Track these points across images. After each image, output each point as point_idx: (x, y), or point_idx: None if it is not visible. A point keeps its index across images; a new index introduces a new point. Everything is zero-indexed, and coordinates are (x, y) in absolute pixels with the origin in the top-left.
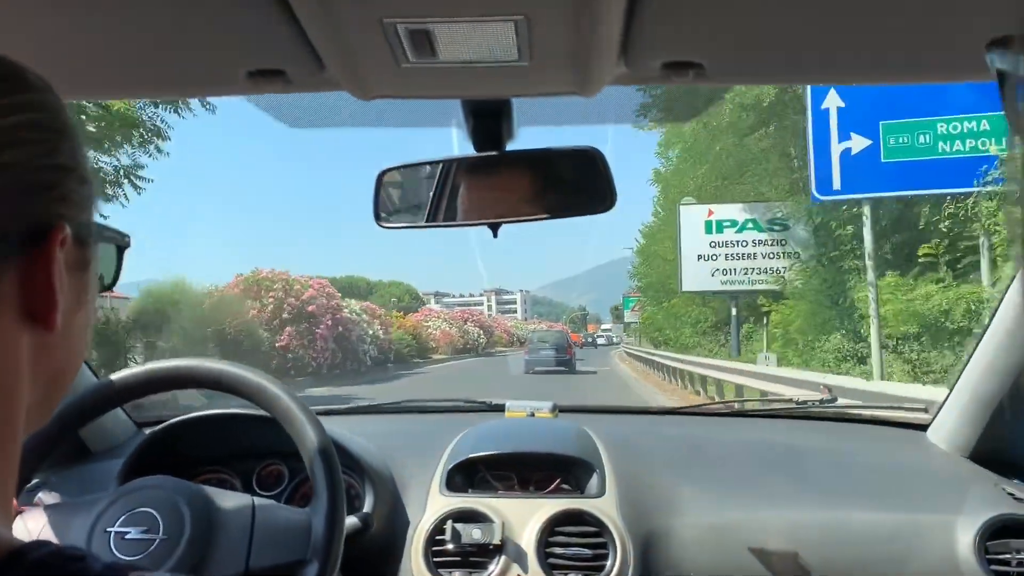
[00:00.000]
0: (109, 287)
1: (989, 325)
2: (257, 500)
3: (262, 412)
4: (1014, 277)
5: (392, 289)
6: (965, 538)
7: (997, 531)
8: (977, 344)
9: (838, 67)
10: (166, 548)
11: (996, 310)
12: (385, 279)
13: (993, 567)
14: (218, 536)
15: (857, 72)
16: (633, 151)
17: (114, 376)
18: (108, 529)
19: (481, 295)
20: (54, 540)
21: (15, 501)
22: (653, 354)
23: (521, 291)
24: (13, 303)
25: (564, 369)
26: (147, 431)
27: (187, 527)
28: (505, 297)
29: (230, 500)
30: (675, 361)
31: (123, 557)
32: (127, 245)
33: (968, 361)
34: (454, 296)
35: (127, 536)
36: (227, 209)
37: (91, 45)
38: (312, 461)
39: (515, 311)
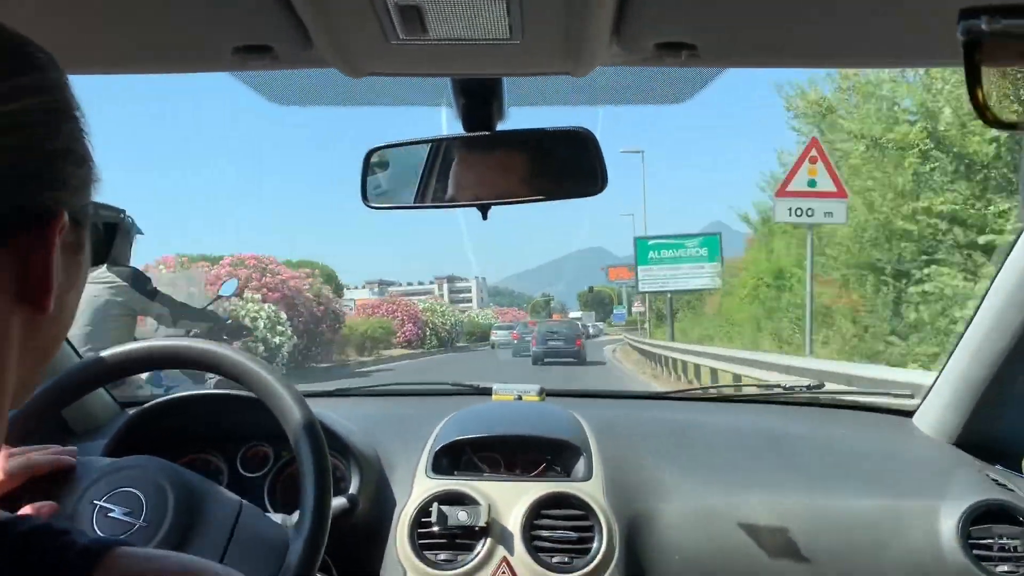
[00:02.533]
0: (102, 261)
1: (977, 312)
2: (246, 504)
3: (247, 393)
4: (1001, 264)
5: (295, 269)
6: (949, 523)
7: (980, 516)
8: (964, 331)
9: (833, 51)
10: (144, 536)
11: (984, 297)
12: (294, 259)
13: (976, 551)
14: (198, 531)
15: (852, 56)
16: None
17: (104, 353)
18: (95, 501)
19: (431, 283)
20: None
21: None
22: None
23: (476, 278)
24: (7, 286)
25: (574, 360)
26: (130, 411)
27: (169, 515)
28: (459, 285)
29: (218, 496)
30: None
31: (102, 534)
32: (122, 221)
33: (955, 348)
34: (400, 284)
35: (110, 514)
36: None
37: (74, 21)
38: (298, 439)
39: (470, 300)
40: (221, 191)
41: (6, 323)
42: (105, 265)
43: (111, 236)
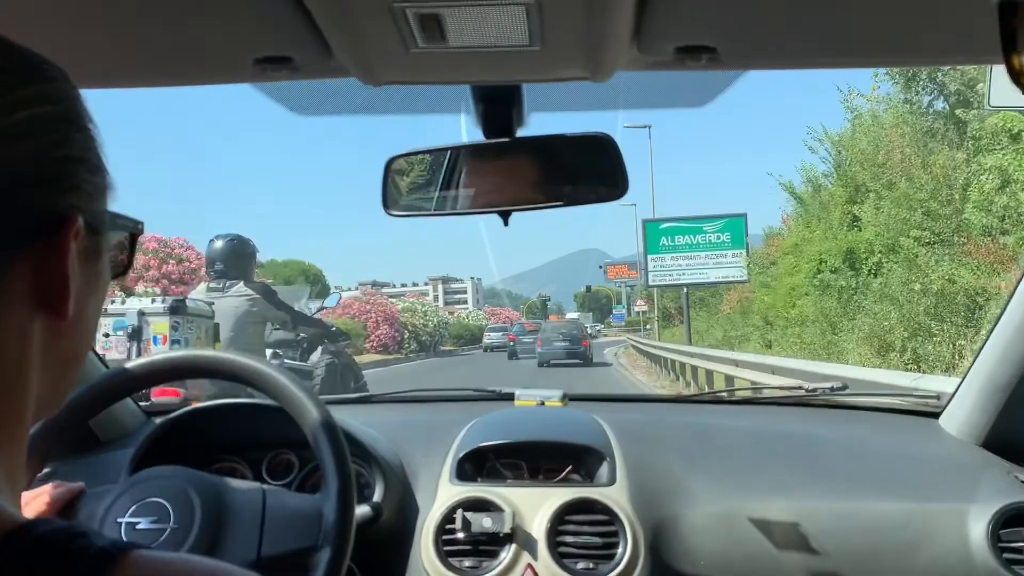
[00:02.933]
0: (122, 274)
1: (1003, 313)
2: (267, 487)
3: (271, 402)
4: None
5: (284, 270)
6: (977, 526)
7: (1010, 519)
8: (991, 331)
9: (855, 51)
10: (177, 537)
11: (1011, 297)
12: (280, 258)
13: (1005, 555)
14: (229, 524)
15: (876, 55)
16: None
17: (128, 364)
18: (119, 519)
19: (426, 284)
20: None
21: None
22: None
23: (472, 279)
24: (26, 292)
25: (579, 362)
26: (157, 420)
27: (197, 516)
28: (454, 286)
29: (240, 488)
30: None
31: None
32: (140, 232)
33: (982, 348)
34: (394, 285)
35: (138, 527)
36: None
37: (96, 34)
38: (317, 438)
39: (466, 301)
40: (206, 184)
41: (27, 329)
42: (242, 282)
43: (133, 246)
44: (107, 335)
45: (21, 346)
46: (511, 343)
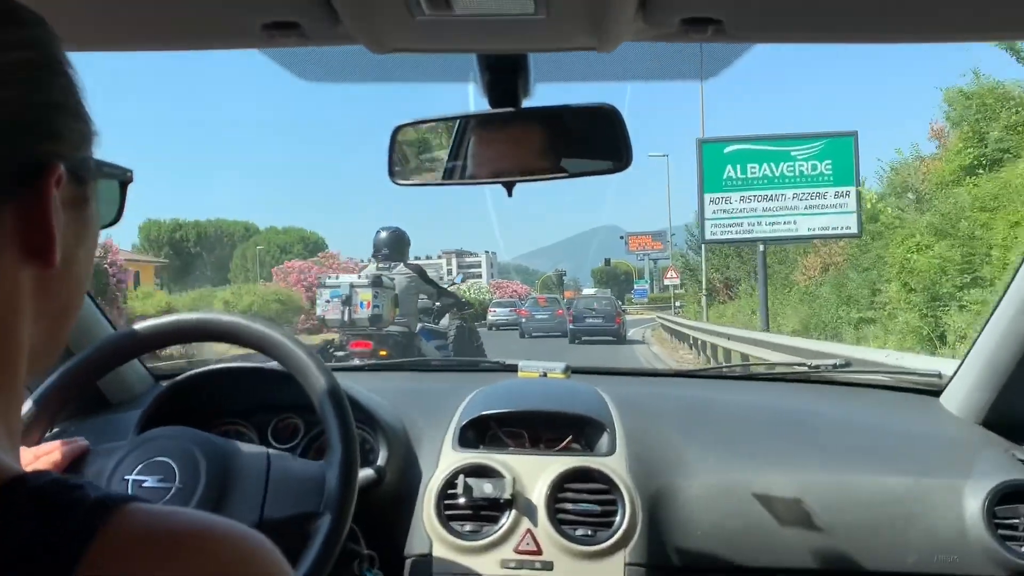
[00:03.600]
0: (113, 222)
1: (1007, 291)
2: (272, 451)
3: (277, 366)
4: None
5: (282, 236)
6: (974, 502)
7: (1006, 496)
8: (993, 310)
9: (865, 25)
10: (181, 497)
11: (1014, 276)
12: (280, 225)
13: (1001, 531)
14: (233, 486)
15: (886, 30)
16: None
17: (136, 327)
18: (126, 477)
19: (439, 257)
20: None
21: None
22: None
23: (487, 252)
24: (13, 241)
25: (612, 339)
26: (164, 383)
27: (203, 476)
28: (468, 260)
29: (245, 450)
30: None
31: None
32: (130, 180)
33: (984, 327)
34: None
35: (144, 484)
36: None
37: None
38: (322, 403)
39: (480, 275)
40: (211, 155)
41: (15, 279)
42: (402, 263)
43: (124, 194)
44: (328, 301)
45: (10, 296)
46: (522, 320)
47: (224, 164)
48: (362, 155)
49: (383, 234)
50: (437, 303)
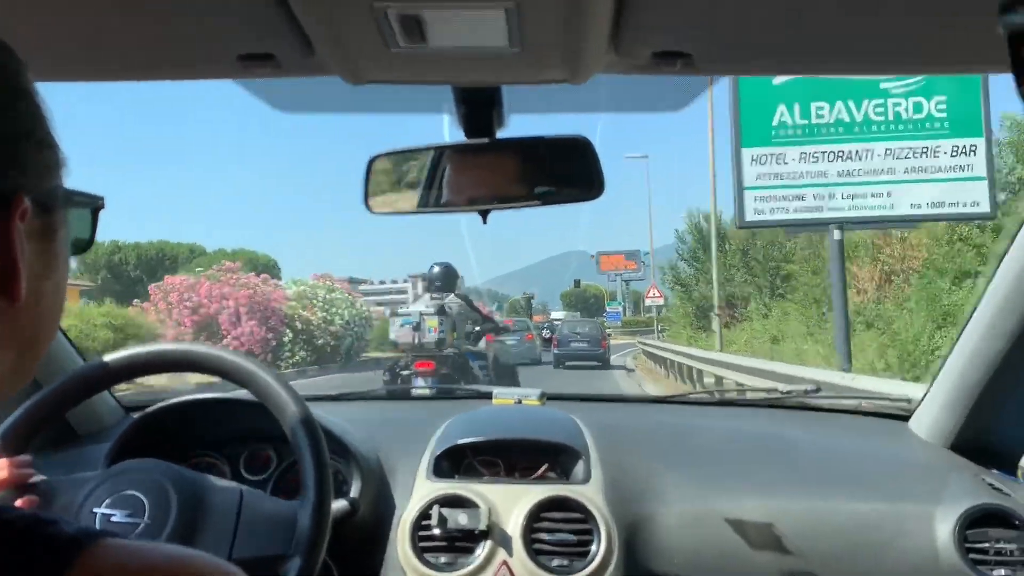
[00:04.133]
0: (84, 249)
1: (971, 316)
2: (245, 489)
3: (249, 396)
4: (996, 268)
5: (229, 259)
6: (945, 527)
7: (976, 520)
8: (960, 335)
9: (829, 58)
10: (150, 532)
11: (978, 301)
12: (230, 247)
13: (971, 555)
14: (203, 523)
15: (849, 63)
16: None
17: (106, 358)
18: (95, 510)
19: (405, 281)
20: None
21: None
22: None
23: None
24: None
25: (598, 364)
26: (135, 415)
27: (173, 512)
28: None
29: (218, 486)
30: None
31: None
32: (101, 207)
33: (950, 351)
34: (372, 282)
35: (113, 519)
36: None
37: (82, 27)
38: (296, 436)
39: None
40: (163, 176)
41: None
42: (452, 294)
43: (95, 220)
44: (401, 326)
45: None
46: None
47: (177, 185)
48: (328, 179)
49: (436, 269)
50: (477, 328)
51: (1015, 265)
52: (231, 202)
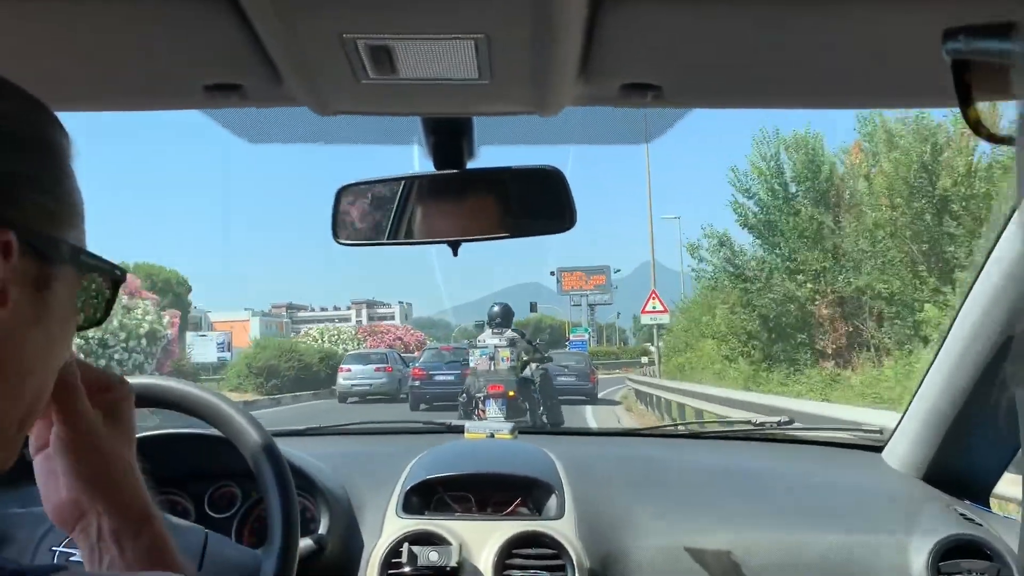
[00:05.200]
0: (97, 323)
1: (942, 346)
2: (210, 533)
3: (213, 432)
4: (964, 299)
5: (132, 271)
6: (918, 558)
7: (949, 551)
8: (930, 366)
9: (797, 92)
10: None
11: (948, 331)
12: (148, 261)
13: None
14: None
15: (818, 97)
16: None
17: None
18: (53, 548)
19: (348, 308)
20: None
21: None
22: None
23: (401, 303)
24: None
25: (585, 399)
26: None
27: None
28: (380, 311)
29: (181, 528)
30: None
31: None
32: (121, 279)
33: (921, 382)
34: (312, 309)
35: (72, 558)
36: None
37: (45, 56)
38: (260, 470)
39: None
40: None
41: None
42: (509, 329)
43: (114, 294)
44: (479, 356)
45: None
46: (414, 383)
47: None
48: (265, 200)
49: (496, 308)
50: (526, 357)
51: (983, 296)
52: (141, 213)
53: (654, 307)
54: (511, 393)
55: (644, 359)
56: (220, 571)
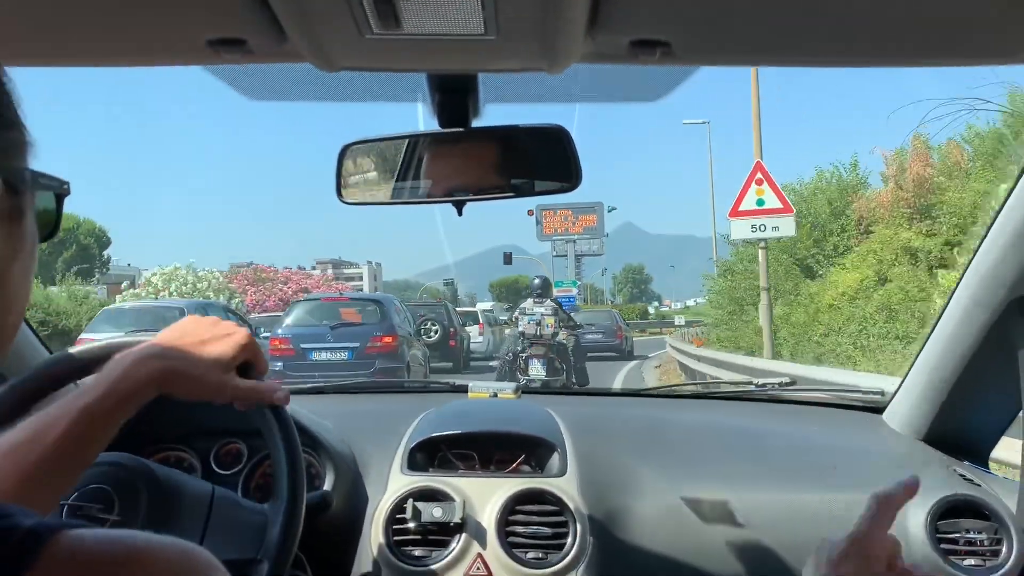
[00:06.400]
0: (49, 236)
1: (944, 309)
2: (217, 489)
3: None
4: (969, 262)
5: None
6: (916, 517)
7: (947, 511)
8: (933, 328)
9: (811, 49)
10: (119, 528)
11: (952, 295)
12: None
13: (943, 545)
14: (172, 521)
15: (831, 54)
16: None
17: (71, 350)
18: (62, 501)
19: (313, 268)
20: None
21: None
22: None
23: (370, 263)
24: None
25: (615, 355)
26: None
27: (142, 510)
28: (346, 271)
29: (189, 486)
30: None
31: None
32: (66, 193)
33: (924, 345)
34: (277, 269)
35: (79, 512)
36: None
37: (46, 11)
38: (268, 428)
39: (361, 289)
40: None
41: None
42: (549, 299)
43: (60, 206)
44: (528, 322)
45: None
46: (274, 363)
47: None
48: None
49: (537, 280)
50: (561, 324)
51: (987, 260)
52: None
53: (761, 201)
54: (551, 355)
55: (679, 319)
56: (228, 526)
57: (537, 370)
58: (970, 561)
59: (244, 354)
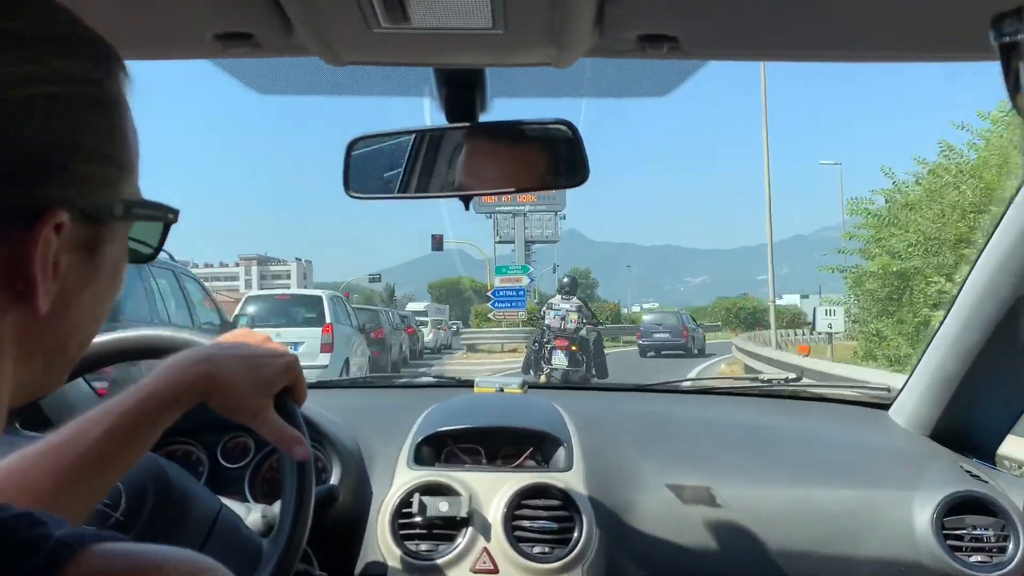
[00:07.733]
0: (146, 260)
1: (952, 306)
2: (223, 511)
3: None
4: (976, 260)
5: None
6: (923, 514)
7: (954, 507)
8: (940, 325)
9: (818, 44)
10: (121, 527)
11: (959, 291)
12: None
13: (949, 542)
14: (173, 529)
15: (839, 49)
16: None
17: (157, 332)
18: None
19: (237, 265)
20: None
21: None
22: None
23: (298, 260)
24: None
25: (681, 353)
26: None
27: (147, 511)
28: (273, 268)
29: (197, 501)
30: None
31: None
32: (172, 221)
33: (931, 341)
34: (194, 266)
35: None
36: None
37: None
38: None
39: (288, 288)
40: None
41: None
42: (575, 296)
43: (164, 234)
44: (553, 316)
45: None
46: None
47: None
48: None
49: (566, 279)
50: (584, 320)
51: (994, 256)
52: None
53: None
54: (574, 347)
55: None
56: (226, 546)
57: (560, 360)
58: (977, 557)
59: (288, 380)
